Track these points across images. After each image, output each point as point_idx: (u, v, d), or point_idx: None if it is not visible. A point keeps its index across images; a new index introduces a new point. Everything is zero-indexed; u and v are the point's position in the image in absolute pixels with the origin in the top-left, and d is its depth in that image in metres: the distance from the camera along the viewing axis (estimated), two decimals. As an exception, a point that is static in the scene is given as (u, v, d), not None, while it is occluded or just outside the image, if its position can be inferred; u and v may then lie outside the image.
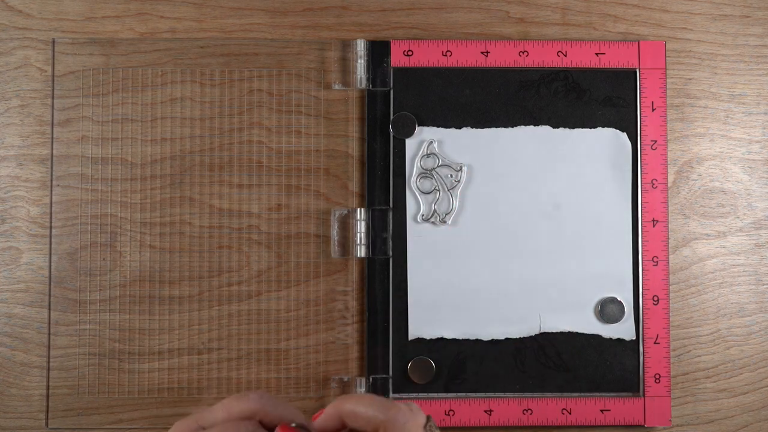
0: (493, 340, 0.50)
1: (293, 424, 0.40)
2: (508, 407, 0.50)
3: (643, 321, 0.50)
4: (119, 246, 0.50)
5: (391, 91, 0.51)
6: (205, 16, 0.52)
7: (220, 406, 0.41)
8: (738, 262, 0.52)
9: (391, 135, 0.51)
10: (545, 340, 0.50)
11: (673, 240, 0.51)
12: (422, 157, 0.51)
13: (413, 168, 0.51)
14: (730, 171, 0.52)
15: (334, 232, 0.50)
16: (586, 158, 0.51)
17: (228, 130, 0.51)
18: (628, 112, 0.51)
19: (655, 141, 0.51)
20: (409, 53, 0.51)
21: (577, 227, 0.51)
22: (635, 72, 0.51)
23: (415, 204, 0.51)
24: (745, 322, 0.52)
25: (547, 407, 0.50)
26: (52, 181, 0.50)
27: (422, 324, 0.50)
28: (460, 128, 0.51)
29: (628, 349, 0.50)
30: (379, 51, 0.51)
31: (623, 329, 0.50)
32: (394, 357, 0.50)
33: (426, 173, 0.51)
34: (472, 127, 0.51)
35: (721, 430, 0.51)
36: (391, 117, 0.51)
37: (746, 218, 0.52)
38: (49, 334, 0.50)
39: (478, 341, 0.50)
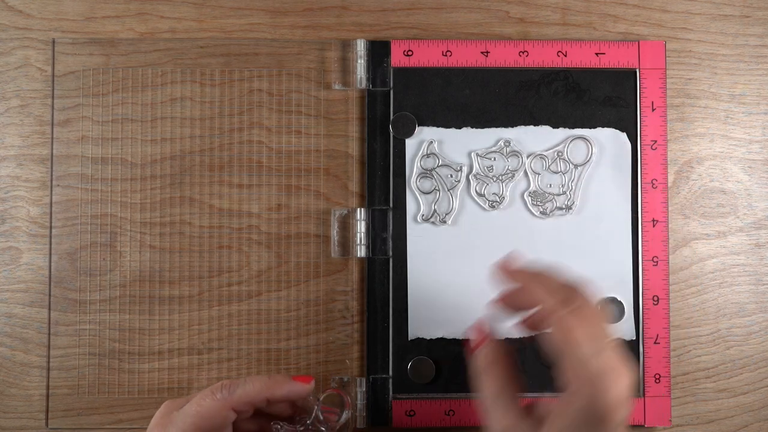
0: (493, 340, 0.50)
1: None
2: (508, 407, 0.49)
3: (643, 321, 0.50)
4: (119, 246, 0.50)
5: (391, 91, 0.51)
6: (205, 16, 0.52)
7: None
8: (738, 262, 0.52)
9: (391, 135, 0.51)
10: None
11: (673, 240, 0.51)
12: (422, 157, 0.51)
13: (413, 168, 0.51)
14: (730, 171, 0.52)
15: (334, 232, 0.50)
16: (586, 158, 0.51)
17: (228, 130, 0.51)
18: (628, 112, 0.51)
19: (655, 141, 0.51)
20: (409, 53, 0.51)
21: (577, 227, 0.51)
22: (635, 72, 0.51)
23: (415, 204, 0.51)
24: (745, 322, 0.51)
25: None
26: (52, 181, 0.50)
27: (422, 324, 0.50)
28: (460, 128, 0.51)
29: (628, 349, 0.50)
30: (379, 51, 0.51)
31: (623, 329, 0.50)
32: (394, 357, 0.50)
33: (426, 173, 0.51)
34: (472, 127, 0.51)
35: (721, 430, 0.51)
36: (391, 117, 0.51)
37: (746, 218, 0.52)
38: (49, 334, 0.50)
39: (478, 341, 0.50)
